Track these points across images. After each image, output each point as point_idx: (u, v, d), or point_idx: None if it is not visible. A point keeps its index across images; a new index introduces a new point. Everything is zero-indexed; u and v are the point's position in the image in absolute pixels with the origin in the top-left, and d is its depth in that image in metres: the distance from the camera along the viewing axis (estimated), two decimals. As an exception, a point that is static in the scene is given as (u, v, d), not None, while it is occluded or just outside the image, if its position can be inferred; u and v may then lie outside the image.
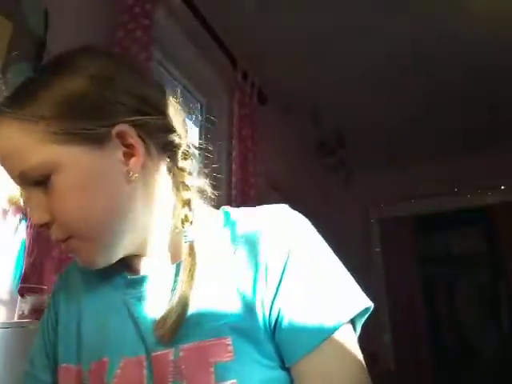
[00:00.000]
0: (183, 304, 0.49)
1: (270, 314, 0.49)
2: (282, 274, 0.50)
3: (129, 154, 0.52)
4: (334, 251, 0.57)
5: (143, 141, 0.53)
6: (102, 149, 0.51)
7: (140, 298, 0.55)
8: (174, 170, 0.57)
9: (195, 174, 0.59)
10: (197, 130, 2.36)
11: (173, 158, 0.57)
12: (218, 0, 2.19)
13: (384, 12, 2.27)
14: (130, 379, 0.51)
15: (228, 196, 2.20)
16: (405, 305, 3.65)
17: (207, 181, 0.61)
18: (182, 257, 0.53)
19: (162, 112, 0.55)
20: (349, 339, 0.49)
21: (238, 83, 2.36)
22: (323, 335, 0.47)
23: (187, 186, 0.56)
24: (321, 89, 2.91)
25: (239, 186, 2.17)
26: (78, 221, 0.51)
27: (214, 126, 2.40)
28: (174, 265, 0.55)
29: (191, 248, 0.53)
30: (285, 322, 0.48)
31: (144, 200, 0.55)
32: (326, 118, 3.09)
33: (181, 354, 0.49)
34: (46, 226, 0.52)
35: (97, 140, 0.50)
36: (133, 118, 0.51)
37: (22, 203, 0.59)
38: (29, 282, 1.10)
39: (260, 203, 0.62)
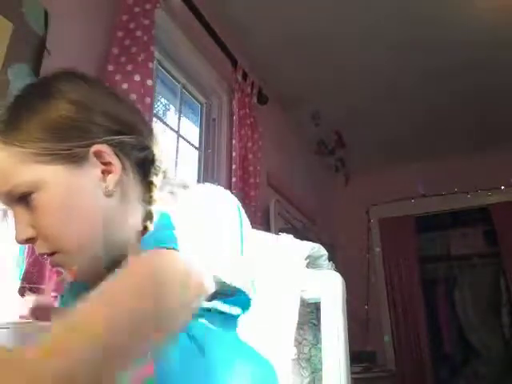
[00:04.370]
0: None
1: None
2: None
3: (106, 170, 0.56)
4: (334, 251, 0.57)
5: (119, 158, 0.57)
6: (81, 167, 0.55)
7: None
8: (144, 184, 0.61)
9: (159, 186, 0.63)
10: (197, 129, 2.37)
11: (145, 172, 0.61)
12: (218, 0, 2.19)
13: (384, 12, 2.27)
14: None
15: (228, 196, 2.20)
16: (405, 305, 3.66)
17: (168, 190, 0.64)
18: None
19: (136, 131, 0.60)
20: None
21: (238, 83, 2.36)
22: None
23: (154, 199, 0.60)
24: (321, 89, 2.91)
25: (239, 186, 2.17)
26: (61, 236, 0.54)
27: (213, 126, 2.40)
28: None
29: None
30: None
31: (121, 212, 0.58)
32: (326, 118, 3.09)
33: None
34: (31, 241, 0.55)
35: (76, 159, 0.55)
36: (108, 138, 0.56)
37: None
38: (29, 281, 1.10)
39: (260, 203, 0.62)
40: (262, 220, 2.39)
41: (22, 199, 0.54)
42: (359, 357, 2.87)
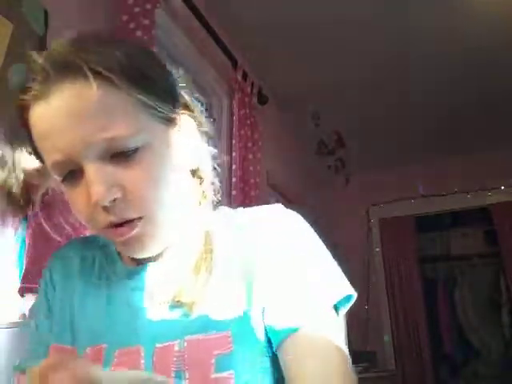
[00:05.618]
0: (203, 283, 0.52)
1: (262, 307, 0.52)
2: (274, 271, 0.53)
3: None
4: (334, 251, 0.58)
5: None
6: (173, 132, 0.54)
7: (141, 288, 0.56)
8: None
9: None
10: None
11: None
12: (218, 0, 2.19)
13: (384, 12, 2.27)
14: (126, 368, 0.51)
15: (228, 196, 2.20)
16: (405, 305, 3.66)
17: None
18: (199, 246, 0.55)
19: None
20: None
21: (238, 83, 2.36)
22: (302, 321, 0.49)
23: (204, 181, 0.61)
24: (321, 89, 2.91)
25: (239, 186, 2.17)
26: (154, 198, 0.50)
27: (214, 125, 2.40)
28: (191, 251, 0.56)
29: (208, 237, 0.56)
30: (271, 310, 0.51)
31: (192, 186, 0.59)
32: (326, 118, 3.09)
33: (185, 344, 0.50)
34: (112, 203, 0.47)
35: (172, 124, 0.53)
36: (191, 111, 0.58)
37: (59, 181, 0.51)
38: (29, 281, 1.10)
39: (260, 203, 0.63)
40: (261, 220, 2.38)
41: (117, 154, 0.47)
42: (359, 357, 2.87)
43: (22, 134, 0.51)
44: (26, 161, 1.18)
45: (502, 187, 3.56)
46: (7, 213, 1.16)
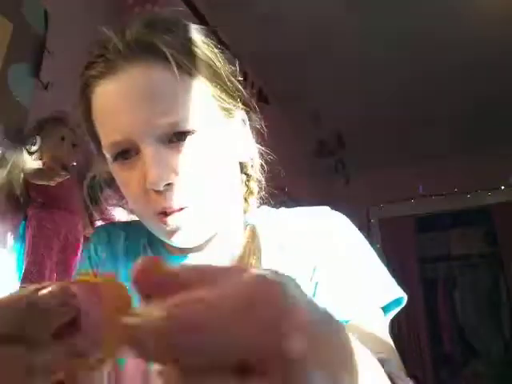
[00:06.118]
0: None
1: None
2: (326, 270, 0.53)
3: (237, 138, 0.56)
4: None
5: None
6: (230, 126, 0.54)
7: None
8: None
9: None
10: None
11: None
12: (218, 0, 2.19)
13: (384, 12, 2.27)
14: None
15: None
16: (405, 305, 3.65)
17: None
18: (243, 240, 0.55)
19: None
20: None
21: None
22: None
23: (252, 177, 0.62)
24: (321, 89, 2.91)
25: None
26: (207, 187, 0.49)
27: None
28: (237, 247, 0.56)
29: (253, 232, 0.56)
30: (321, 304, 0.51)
31: (239, 183, 0.58)
32: (326, 118, 3.09)
33: None
34: (166, 187, 0.47)
35: (231, 114, 0.53)
36: (247, 107, 0.58)
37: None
38: (29, 282, 1.10)
39: (259, 203, 0.64)
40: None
41: (171, 138, 0.47)
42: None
43: (21, 134, 0.50)
44: (26, 161, 1.18)
45: (502, 187, 3.56)
46: (7, 213, 1.16)
